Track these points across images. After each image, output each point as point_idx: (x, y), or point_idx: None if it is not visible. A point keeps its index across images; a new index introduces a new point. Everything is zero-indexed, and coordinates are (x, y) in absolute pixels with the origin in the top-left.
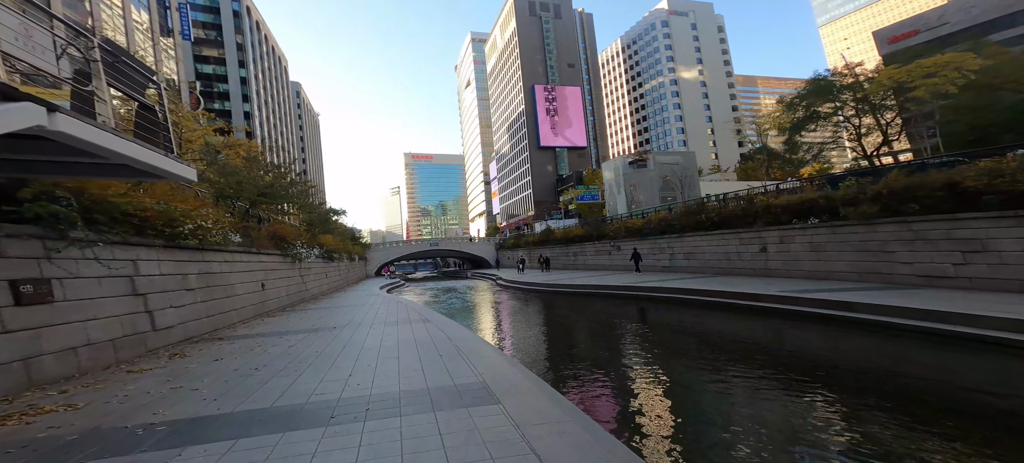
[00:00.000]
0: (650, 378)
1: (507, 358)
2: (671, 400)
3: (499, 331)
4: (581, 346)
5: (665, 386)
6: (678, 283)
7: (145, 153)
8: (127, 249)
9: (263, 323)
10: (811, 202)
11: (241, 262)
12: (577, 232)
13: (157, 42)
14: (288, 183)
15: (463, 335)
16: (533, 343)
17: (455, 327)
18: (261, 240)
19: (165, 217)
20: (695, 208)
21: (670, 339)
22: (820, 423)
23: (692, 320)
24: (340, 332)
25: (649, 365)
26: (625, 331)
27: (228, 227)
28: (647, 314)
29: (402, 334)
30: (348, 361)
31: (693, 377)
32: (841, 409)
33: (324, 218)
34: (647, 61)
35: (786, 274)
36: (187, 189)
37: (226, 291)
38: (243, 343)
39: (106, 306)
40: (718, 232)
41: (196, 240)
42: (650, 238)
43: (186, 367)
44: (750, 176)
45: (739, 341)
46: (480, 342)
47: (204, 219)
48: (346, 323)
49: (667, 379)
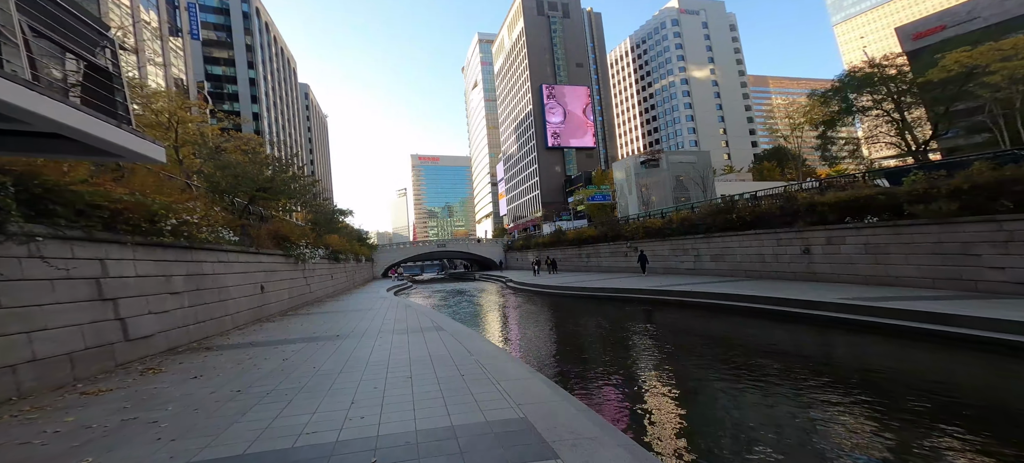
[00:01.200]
0: (730, 410)
1: (545, 381)
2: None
3: (523, 342)
4: (622, 363)
5: (776, 429)
6: (712, 287)
7: (87, 121)
8: (92, 246)
9: (260, 330)
10: (867, 199)
11: (238, 263)
12: (590, 233)
13: (165, 41)
14: (289, 178)
15: (485, 348)
16: (564, 358)
17: (473, 337)
18: (261, 239)
19: (142, 210)
20: (724, 207)
21: (737, 358)
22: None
23: (746, 331)
24: (343, 342)
25: (729, 392)
26: (666, 342)
27: (221, 223)
28: (687, 323)
29: (414, 346)
30: (350, 382)
31: (797, 416)
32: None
33: (330, 217)
34: (657, 60)
35: (836, 278)
36: (171, 180)
37: (219, 294)
38: (232, 355)
39: (62, 314)
40: (751, 232)
41: (182, 237)
42: (671, 239)
43: (155, 388)
44: (765, 176)
45: (820, 360)
46: (507, 357)
47: (190, 213)
48: (350, 331)
49: (771, 420)
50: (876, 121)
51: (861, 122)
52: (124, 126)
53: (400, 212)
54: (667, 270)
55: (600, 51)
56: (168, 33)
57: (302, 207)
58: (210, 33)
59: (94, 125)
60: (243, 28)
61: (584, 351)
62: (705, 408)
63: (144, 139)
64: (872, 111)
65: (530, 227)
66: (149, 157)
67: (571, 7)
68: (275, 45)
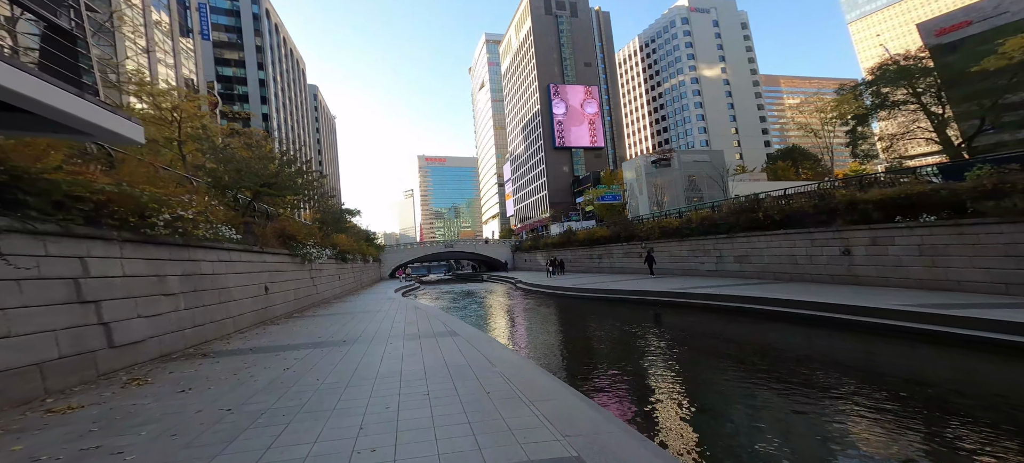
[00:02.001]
0: (809, 437)
1: (587, 401)
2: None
3: (545, 350)
4: (661, 376)
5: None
6: (741, 290)
7: (41, 89)
8: (71, 243)
9: (263, 333)
10: (921, 196)
11: (240, 262)
12: (602, 233)
13: (176, 41)
14: (295, 173)
15: (506, 357)
16: (593, 370)
17: (491, 343)
18: (266, 238)
19: (130, 203)
20: (749, 205)
21: (800, 373)
22: None
23: (793, 341)
24: (351, 348)
25: (813, 419)
26: (704, 351)
27: (222, 220)
28: (720, 329)
29: (428, 353)
30: (358, 400)
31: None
32: None
33: (338, 217)
34: (666, 59)
35: (882, 282)
36: (167, 172)
37: (220, 295)
38: (229, 363)
39: (30, 319)
40: (780, 232)
41: (177, 234)
42: (690, 239)
43: (134, 404)
44: (779, 176)
45: (904, 378)
46: (533, 369)
47: (184, 208)
48: (358, 335)
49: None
50: (914, 115)
51: (890, 118)
52: (89, 97)
53: (407, 213)
54: (685, 272)
55: (608, 50)
56: (179, 33)
57: (308, 204)
58: (221, 34)
59: (50, 94)
60: (253, 29)
61: (613, 361)
62: (792, 440)
63: (116, 114)
64: (907, 105)
65: (538, 228)
66: (123, 136)
67: (579, 6)
68: (284, 46)
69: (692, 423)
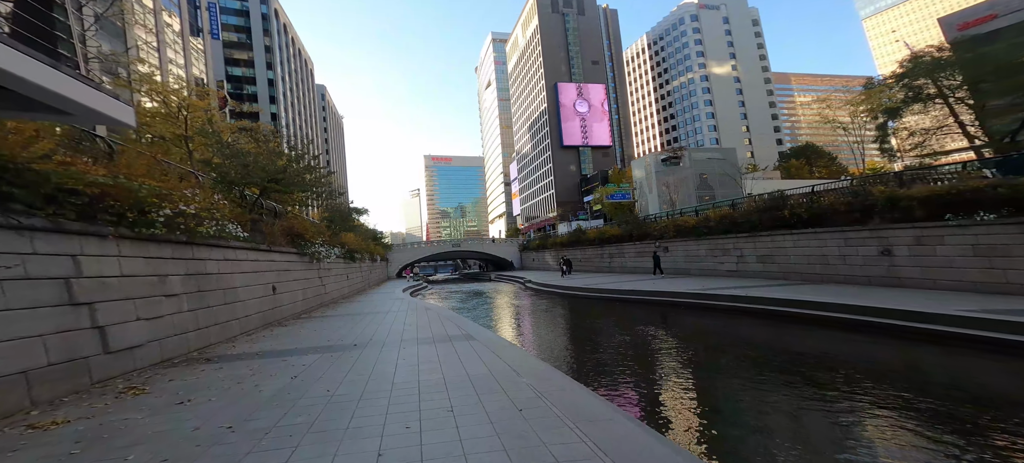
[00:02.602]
0: None
1: (641, 426)
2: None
3: (570, 356)
4: (705, 389)
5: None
6: (771, 291)
7: (8, 57)
8: (61, 239)
9: (270, 335)
10: (975, 192)
11: (247, 261)
12: (613, 232)
13: (186, 40)
14: (303, 168)
15: (532, 366)
16: (629, 380)
17: (512, 350)
18: (274, 236)
19: (128, 197)
20: (773, 203)
21: (867, 389)
22: None
23: (846, 348)
24: (362, 353)
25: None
26: (742, 358)
27: (227, 217)
28: (753, 334)
29: (446, 361)
30: (373, 418)
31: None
32: None
33: (346, 216)
34: (675, 57)
35: (930, 284)
36: (170, 166)
37: (225, 296)
38: (233, 369)
39: (13, 323)
40: (809, 231)
41: (178, 231)
42: (708, 238)
43: (125, 419)
44: (792, 175)
45: (992, 394)
46: (566, 381)
47: (186, 202)
48: (369, 338)
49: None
50: (945, 110)
51: (924, 113)
52: (67, 70)
53: (413, 212)
54: (703, 272)
55: (616, 48)
56: (189, 32)
57: (317, 201)
58: (230, 34)
59: (15, 62)
60: (262, 29)
61: (649, 371)
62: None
63: (100, 91)
64: (940, 99)
65: (546, 227)
66: (108, 116)
67: (586, 4)
68: (293, 46)
69: (752, 447)
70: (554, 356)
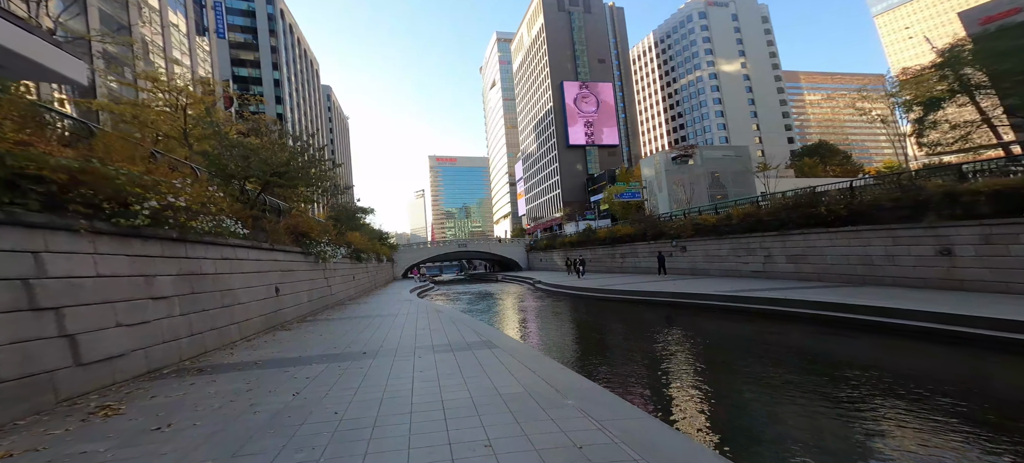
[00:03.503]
0: None
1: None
2: None
3: (607, 367)
4: (797, 417)
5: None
6: (815, 294)
7: None
8: (18, 233)
9: (272, 341)
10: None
11: (247, 261)
12: (625, 231)
13: (193, 39)
14: (308, 162)
15: (575, 383)
16: (685, 398)
17: (542, 361)
18: (278, 234)
19: (104, 185)
20: (806, 199)
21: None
22: None
23: (927, 364)
24: (373, 364)
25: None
26: (804, 370)
27: (223, 210)
28: (800, 342)
29: (469, 374)
30: (394, 450)
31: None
32: None
33: (352, 215)
34: (682, 55)
35: (1002, 288)
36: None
37: (223, 298)
38: (227, 382)
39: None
40: (850, 229)
41: (166, 225)
42: (731, 237)
43: (83, 454)
44: (806, 173)
45: None
46: (625, 406)
47: (176, 194)
48: (379, 345)
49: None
50: (978, 103)
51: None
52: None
53: (417, 213)
54: (725, 273)
55: (622, 47)
56: (195, 31)
57: (324, 196)
58: (236, 35)
59: None
60: (268, 30)
61: (705, 387)
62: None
63: (45, 40)
64: (986, 89)
65: (554, 227)
66: (56, 72)
67: (592, 2)
68: (299, 47)
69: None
70: (589, 368)
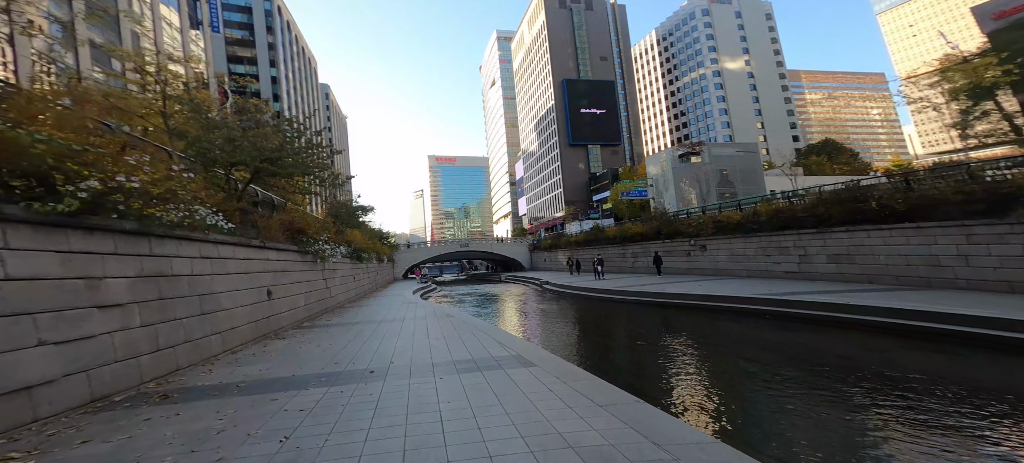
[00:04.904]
0: None
1: None
2: None
3: (700, 405)
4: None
5: None
6: (883, 299)
7: None
8: None
9: (261, 354)
10: None
11: (234, 259)
12: (637, 230)
13: (186, 33)
14: (304, 148)
15: (671, 430)
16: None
17: (608, 390)
18: (271, 230)
19: (11, 155)
20: (850, 194)
21: None
22: None
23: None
24: (384, 388)
25: None
26: (926, 395)
27: (202, 199)
28: (890, 357)
29: (513, 407)
30: None
31: None
32: None
33: (352, 213)
34: (685, 53)
35: None
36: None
37: (201, 305)
38: (193, 416)
39: None
40: (909, 226)
41: (116, 215)
42: (758, 235)
43: None
44: (813, 171)
45: None
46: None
47: (127, 172)
48: (389, 360)
49: None
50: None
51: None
52: None
53: (417, 213)
54: (752, 273)
55: (624, 44)
56: (189, 25)
57: (321, 187)
58: (233, 31)
59: None
60: (265, 26)
61: (828, 429)
62: None
63: None
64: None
65: (557, 226)
66: None
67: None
68: (296, 44)
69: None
70: (666, 400)
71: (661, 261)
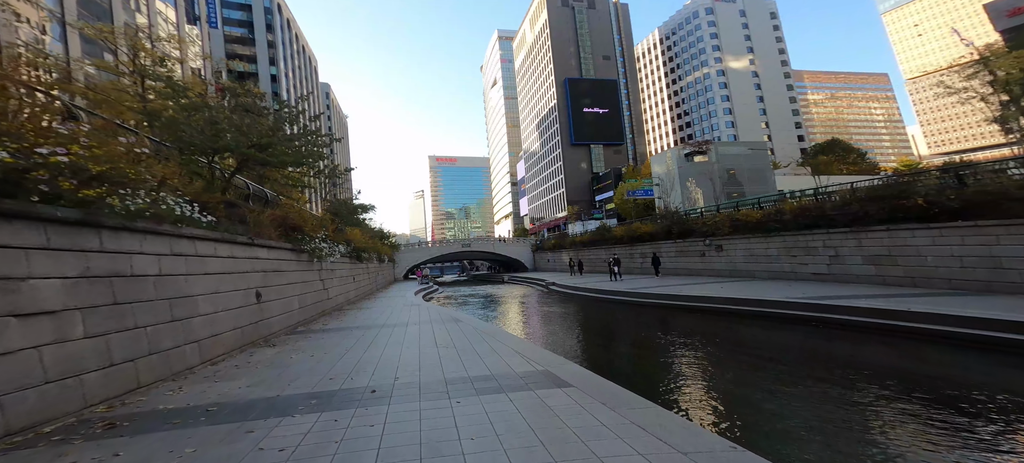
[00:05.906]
0: None
1: None
2: None
3: (766, 433)
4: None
5: None
6: (950, 306)
7: None
8: None
9: (246, 365)
10: None
11: (215, 258)
12: (646, 229)
13: (182, 28)
14: (299, 135)
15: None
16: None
17: (675, 426)
18: (261, 226)
19: None
20: (891, 189)
21: None
22: None
23: None
24: (389, 416)
25: None
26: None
27: (173, 184)
28: (995, 373)
29: (561, 452)
30: None
31: None
32: None
33: (352, 211)
34: (688, 52)
35: None
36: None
37: (172, 310)
38: (138, 458)
39: None
40: (965, 224)
41: (40, 199)
42: (781, 234)
43: None
44: (821, 170)
45: None
46: None
47: (54, 143)
48: (393, 376)
49: None
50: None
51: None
52: None
53: (417, 214)
54: (774, 275)
55: (627, 43)
56: (186, 20)
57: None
58: (233, 29)
59: None
60: (265, 24)
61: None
62: None
63: None
64: None
65: (560, 225)
66: None
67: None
68: (297, 43)
69: None
70: (763, 443)
71: (659, 262)
